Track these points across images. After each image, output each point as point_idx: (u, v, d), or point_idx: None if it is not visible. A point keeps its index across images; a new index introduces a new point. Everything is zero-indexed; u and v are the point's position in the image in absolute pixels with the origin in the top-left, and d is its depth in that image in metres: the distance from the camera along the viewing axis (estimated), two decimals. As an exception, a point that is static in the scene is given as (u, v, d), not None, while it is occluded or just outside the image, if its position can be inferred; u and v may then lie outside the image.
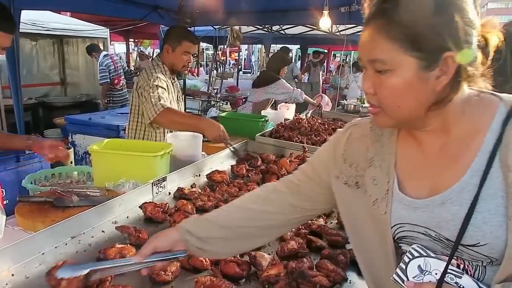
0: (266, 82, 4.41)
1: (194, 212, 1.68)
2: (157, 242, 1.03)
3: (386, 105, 0.80)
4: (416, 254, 0.76)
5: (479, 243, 0.73)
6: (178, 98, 2.76)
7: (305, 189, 1.05)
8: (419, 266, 0.75)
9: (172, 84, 2.66)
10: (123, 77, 6.59)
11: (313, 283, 1.19)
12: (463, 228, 0.73)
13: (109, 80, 6.23)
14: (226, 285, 1.16)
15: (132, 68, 10.02)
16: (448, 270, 0.73)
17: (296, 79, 8.11)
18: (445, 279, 0.73)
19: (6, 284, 1.14)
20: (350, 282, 1.30)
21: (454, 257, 0.75)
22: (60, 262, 1.14)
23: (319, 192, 1.04)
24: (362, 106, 5.98)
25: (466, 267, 0.76)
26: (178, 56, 2.59)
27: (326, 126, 3.42)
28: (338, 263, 1.33)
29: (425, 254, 0.76)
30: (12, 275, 1.18)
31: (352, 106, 5.79)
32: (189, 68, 2.82)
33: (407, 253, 0.77)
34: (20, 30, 3.82)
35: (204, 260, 1.29)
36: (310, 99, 4.59)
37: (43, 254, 1.29)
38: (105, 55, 6.32)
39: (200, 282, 1.17)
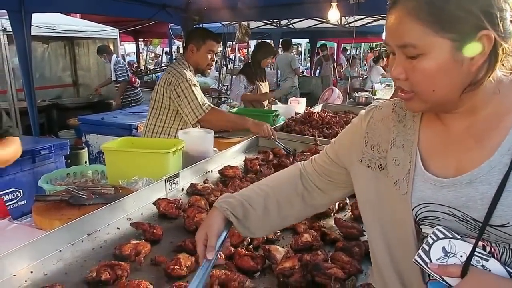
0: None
1: (208, 207, 1.68)
2: (214, 230, 1.02)
3: (420, 90, 0.78)
4: (440, 235, 0.74)
5: (508, 223, 0.71)
6: None
7: (327, 171, 1.08)
8: (443, 248, 0.73)
9: None
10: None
11: (328, 275, 1.18)
12: (492, 207, 0.71)
13: (127, 78, 6.43)
14: (240, 278, 1.17)
15: (143, 67, 10.10)
16: (475, 253, 0.71)
17: (295, 73, 7.93)
18: (471, 261, 0.71)
19: (26, 281, 1.16)
20: (365, 274, 1.29)
21: (480, 239, 0.73)
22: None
23: (340, 172, 1.05)
24: (373, 98, 5.93)
25: (493, 250, 0.74)
26: (203, 55, 2.70)
27: (337, 119, 3.39)
28: (353, 255, 1.32)
29: (450, 235, 0.74)
30: (31, 272, 1.20)
31: (364, 98, 5.74)
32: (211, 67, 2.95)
33: (431, 234, 0.75)
34: (32, 33, 3.87)
35: (218, 255, 1.29)
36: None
37: (60, 251, 1.31)
38: (117, 57, 6.56)
39: (215, 276, 1.18)
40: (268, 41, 6.87)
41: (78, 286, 1.15)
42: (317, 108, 4.05)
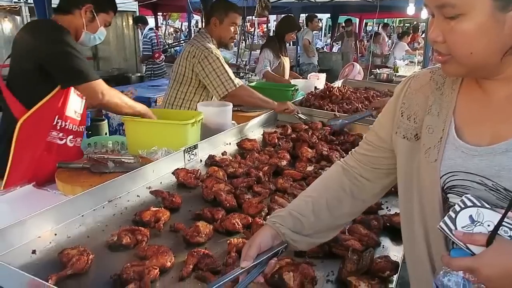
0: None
1: (226, 178, 1.69)
2: (257, 240, 0.96)
3: (457, 53, 0.75)
4: (469, 203, 0.72)
5: None
6: None
7: (372, 158, 1.04)
8: (470, 216, 0.71)
9: None
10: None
11: (346, 246, 1.18)
12: None
13: (151, 53, 6.57)
14: (258, 247, 1.18)
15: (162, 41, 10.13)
16: (503, 223, 0.69)
17: (305, 48, 7.68)
18: (498, 231, 0.69)
19: (50, 242, 1.19)
20: (383, 247, 1.29)
21: (510, 209, 0.71)
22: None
23: (385, 156, 1.02)
24: (395, 75, 5.78)
25: None
26: (226, 28, 2.66)
27: (357, 94, 3.33)
28: (371, 228, 1.31)
29: (479, 204, 0.72)
30: (55, 234, 1.24)
31: (385, 75, 5.60)
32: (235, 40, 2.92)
33: (459, 202, 0.73)
34: (53, 5, 3.87)
35: (236, 223, 1.31)
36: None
37: (82, 216, 1.35)
38: (150, 29, 6.76)
39: (232, 244, 1.19)
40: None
41: (100, 249, 1.18)
42: (337, 83, 3.97)
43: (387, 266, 1.10)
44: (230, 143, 2.22)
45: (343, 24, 10.81)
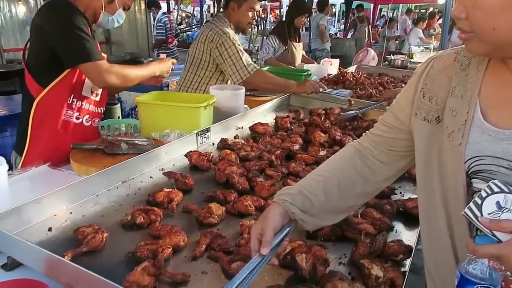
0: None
1: (238, 161, 1.69)
2: (271, 222, 0.94)
3: (479, 29, 0.73)
4: (496, 189, 0.70)
5: None
6: None
7: (388, 140, 1.02)
8: (497, 203, 0.69)
9: None
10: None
11: (358, 230, 1.18)
12: None
13: (165, 38, 6.55)
14: (270, 229, 1.18)
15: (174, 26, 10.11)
16: None
17: (321, 34, 7.55)
18: None
19: (65, 220, 1.21)
20: (396, 231, 1.28)
21: None
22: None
23: (401, 138, 0.99)
24: (410, 61, 5.68)
25: None
26: (244, 13, 2.63)
27: (371, 80, 3.28)
28: (384, 212, 1.30)
29: (507, 190, 0.70)
30: (70, 213, 1.26)
31: (400, 61, 5.51)
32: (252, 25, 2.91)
33: (486, 188, 0.71)
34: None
35: (249, 206, 1.31)
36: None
37: (97, 195, 1.37)
38: (163, 13, 6.77)
39: (245, 225, 1.19)
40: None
41: (114, 227, 1.20)
42: (351, 69, 3.92)
43: (400, 250, 1.09)
44: (242, 127, 2.22)
45: (355, 9, 10.62)
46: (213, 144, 1.94)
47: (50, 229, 1.16)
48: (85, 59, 1.67)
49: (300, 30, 4.46)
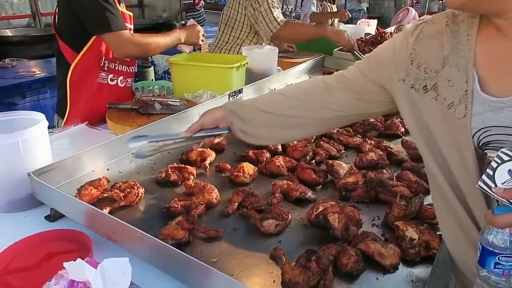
0: None
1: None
2: (204, 119, 1.11)
3: None
4: (505, 158, 0.67)
5: None
6: None
7: (357, 87, 0.97)
8: (509, 171, 0.66)
9: None
10: None
11: (393, 192, 1.15)
12: None
13: (192, 1, 6.48)
14: (302, 189, 1.17)
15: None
16: None
17: None
18: None
19: (103, 176, 1.25)
20: (433, 195, 1.24)
21: None
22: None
23: (373, 91, 0.95)
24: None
25: None
26: None
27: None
28: (421, 175, 1.26)
29: None
30: (108, 169, 1.30)
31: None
32: None
33: (495, 158, 0.68)
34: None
35: (281, 166, 1.31)
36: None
37: (132, 153, 1.39)
38: None
39: (277, 185, 1.19)
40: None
41: (149, 184, 1.23)
42: (390, 29, 3.73)
43: (437, 213, 1.05)
44: (275, 89, 2.18)
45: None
46: (246, 105, 1.92)
47: (89, 184, 1.20)
48: (105, 29, 1.66)
49: None
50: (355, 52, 2.50)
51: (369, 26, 3.93)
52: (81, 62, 1.76)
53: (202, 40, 2.00)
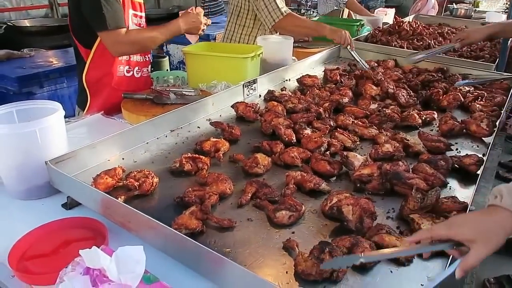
0: None
1: (285, 113, 1.66)
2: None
3: None
4: None
5: None
6: None
7: None
8: None
9: None
10: None
11: (409, 184, 1.13)
12: None
13: None
14: (316, 180, 1.16)
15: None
16: None
17: None
18: None
19: (119, 165, 1.26)
20: (450, 188, 1.22)
21: None
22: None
23: None
24: (475, 10, 5.20)
25: None
26: None
27: (430, 30, 3.04)
28: (438, 168, 1.23)
29: None
30: (123, 159, 1.31)
31: (463, 11, 5.05)
32: None
33: None
34: None
35: (295, 157, 1.30)
36: None
37: (147, 143, 1.41)
38: None
39: (291, 176, 1.19)
40: None
41: (163, 173, 1.23)
42: (408, 19, 3.65)
43: (454, 207, 1.04)
44: (289, 79, 2.16)
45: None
46: (260, 96, 1.92)
47: (104, 173, 1.22)
48: (100, 27, 1.65)
49: None
50: (349, 50, 2.41)
51: (387, 16, 3.86)
52: (95, 59, 1.77)
53: (203, 30, 1.95)
